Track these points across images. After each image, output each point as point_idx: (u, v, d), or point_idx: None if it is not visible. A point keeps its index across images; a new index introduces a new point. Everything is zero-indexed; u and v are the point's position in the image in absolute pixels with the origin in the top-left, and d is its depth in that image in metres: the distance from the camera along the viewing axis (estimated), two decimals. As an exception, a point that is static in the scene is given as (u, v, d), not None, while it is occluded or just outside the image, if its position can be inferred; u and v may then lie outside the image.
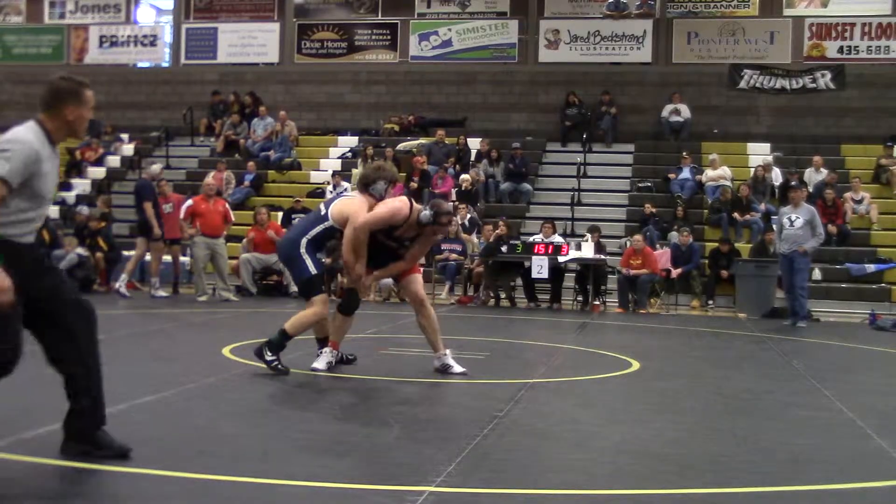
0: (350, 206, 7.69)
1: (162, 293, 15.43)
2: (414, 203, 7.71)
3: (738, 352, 11.42)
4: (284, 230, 17.23)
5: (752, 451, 5.55)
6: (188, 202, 15.63)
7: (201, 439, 5.23)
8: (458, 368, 7.84)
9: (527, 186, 20.55)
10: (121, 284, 15.45)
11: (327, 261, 16.77)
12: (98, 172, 22.47)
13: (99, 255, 16.61)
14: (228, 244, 16.39)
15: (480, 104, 23.63)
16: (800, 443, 5.81)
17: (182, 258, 18.11)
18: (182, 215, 15.54)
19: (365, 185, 7.75)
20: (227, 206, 16.07)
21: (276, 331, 7.61)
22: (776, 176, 19.82)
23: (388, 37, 24.50)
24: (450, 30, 23.98)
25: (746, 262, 16.84)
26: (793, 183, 17.58)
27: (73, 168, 22.74)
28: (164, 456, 4.80)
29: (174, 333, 11.16)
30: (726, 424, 6.39)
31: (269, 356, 7.50)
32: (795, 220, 14.24)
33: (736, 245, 17.77)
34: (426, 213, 7.57)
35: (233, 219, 16.14)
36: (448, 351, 7.97)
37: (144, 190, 16.07)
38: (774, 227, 15.30)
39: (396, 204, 7.63)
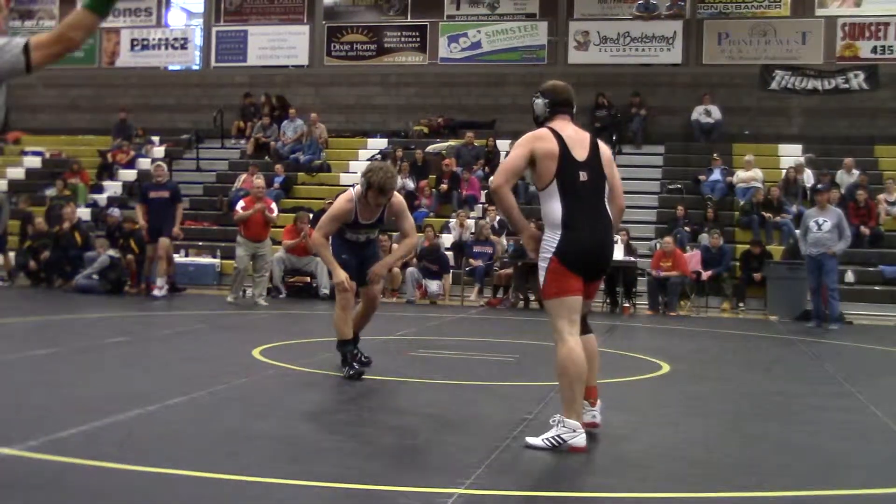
0: (331, 208, 7.83)
1: (157, 292, 15.34)
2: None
3: (768, 354, 11.34)
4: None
5: (784, 454, 5.50)
6: (240, 203, 15.66)
7: (232, 440, 5.25)
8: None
9: (556, 188, 20.47)
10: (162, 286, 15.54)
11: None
12: (129, 175, 22.63)
13: (130, 256, 16.72)
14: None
15: (510, 106, 23.56)
16: (832, 446, 5.76)
17: (212, 259, 18.23)
18: (235, 217, 15.58)
19: None
20: (272, 204, 15.93)
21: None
22: (808, 178, 19.65)
23: (418, 39, 24.53)
24: (479, 31, 23.98)
25: (778, 264, 16.72)
26: (819, 186, 17.42)
27: (105, 170, 22.93)
28: (195, 456, 4.83)
29: (204, 335, 11.21)
30: (757, 428, 6.34)
31: (346, 372, 7.48)
32: (823, 223, 14.08)
33: (767, 247, 17.64)
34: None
35: (275, 214, 15.91)
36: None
37: (140, 192, 16.30)
38: (799, 229, 15.14)
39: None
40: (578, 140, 5.58)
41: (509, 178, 5.50)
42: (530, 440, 5.29)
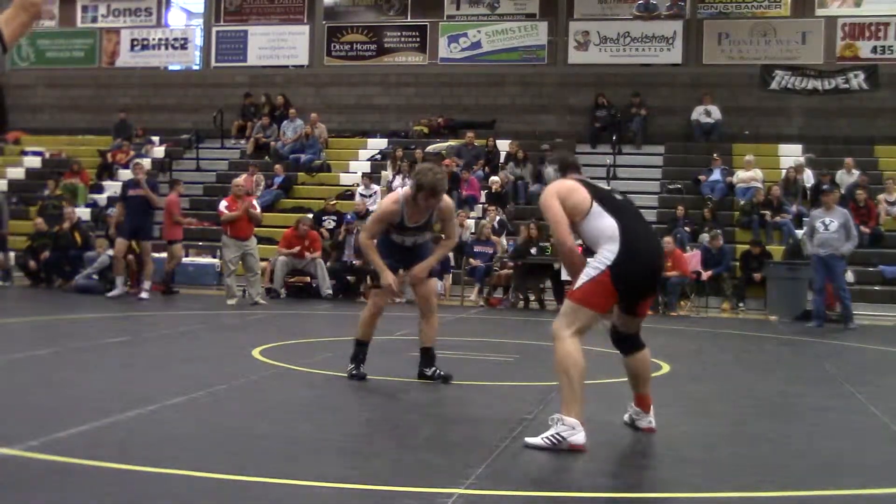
0: (377, 208, 7.61)
1: (144, 294, 15.29)
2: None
3: (769, 354, 11.34)
4: (319, 237, 17.37)
5: (784, 454, 5.50)
6: (222, 203, 15.65)
7: (231, 440, 5.25)
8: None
9: (556, 188, 20.44)
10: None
11: (357, 262, 16.84)
12: (129, 175, 22.56)
13: (130, 256, 16.70)
14: (259, 245, 16.36)
15: (510, 106, 23.60)
16: (832, 447, 5.76)
17: (212, 259, 18.18)
18: (221, 207, 15.54)
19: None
20: (253, 202, 15.95)
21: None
22: (808, 178, 19.65)
23: (418, 39, 24.53)
24: (479, 31, 23.98)
25: (778, 264, 16.72)
26: (825, 186, 17.42)
27: (105, 170, 22.92)
28: (195, 456, 4.82)
29: (204, 335, 11.21)
30: (757, 428, 6.34)
31: (349, 371, 7.42)
32: (830, 223, 14.12)
33: (767, 247, 17.64)
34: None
35: (258, 210, 15.88)
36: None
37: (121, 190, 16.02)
38: (804, 229, 15.13)
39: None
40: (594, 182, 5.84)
41: (568, 229, 5.48)
42: (529, 440, 5.30)
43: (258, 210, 15.79)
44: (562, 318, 5.46)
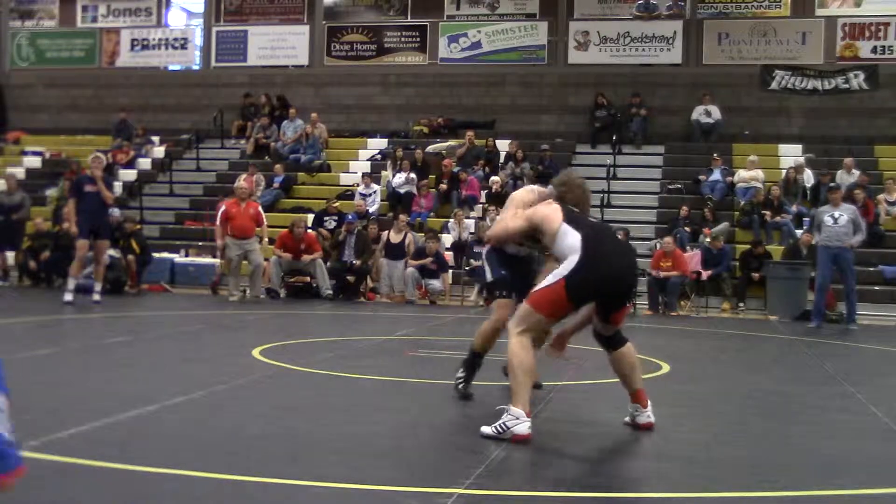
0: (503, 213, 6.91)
1: (96, 297, 14.18)
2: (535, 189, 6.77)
3: (768, 354, 11.34)
4: (317, 236, 17.36)
5: (784, 454, 5.50)
6: (221, 206, 15.69)
7: (231, 440, 5.25)
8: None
9: (556, 188, 20.41)
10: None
11: (357, 262, 16.84)
12: (129, 175, 22.63)
13: (130, 257, 16.71)
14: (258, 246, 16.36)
15: (509, 106, 23.58)
16: (832, 447, 5.76)
17: (213, 260, 18.18)
18: (217, 219, 15.58)
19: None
20: (259, 209, 16.04)
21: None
22: (808, 178, 19.64)
23: (418, 39, 24.52)
24: (479, 31, 23.97)
25: (778, 264, 16.72)
26: (831, 184, 17.42)
27: (105, 171, 22.84)
28: (195, 457, 4.83)
29: (204, 335, 11.21)
30: (757, 428, 6.35)
31: (456, 382, 7.01)
32: (839, 217, 14.14)
33: (767, 247, 17.64)
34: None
35: (265, 222, 16.04)
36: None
37: (73, 185, 14.90)
38: (812, 222, 15.05)
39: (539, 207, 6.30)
40: None
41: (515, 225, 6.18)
42: (484, 429, 5.49)
43: (263, 219, 15.86)
44: (516, 317, 5.76)
